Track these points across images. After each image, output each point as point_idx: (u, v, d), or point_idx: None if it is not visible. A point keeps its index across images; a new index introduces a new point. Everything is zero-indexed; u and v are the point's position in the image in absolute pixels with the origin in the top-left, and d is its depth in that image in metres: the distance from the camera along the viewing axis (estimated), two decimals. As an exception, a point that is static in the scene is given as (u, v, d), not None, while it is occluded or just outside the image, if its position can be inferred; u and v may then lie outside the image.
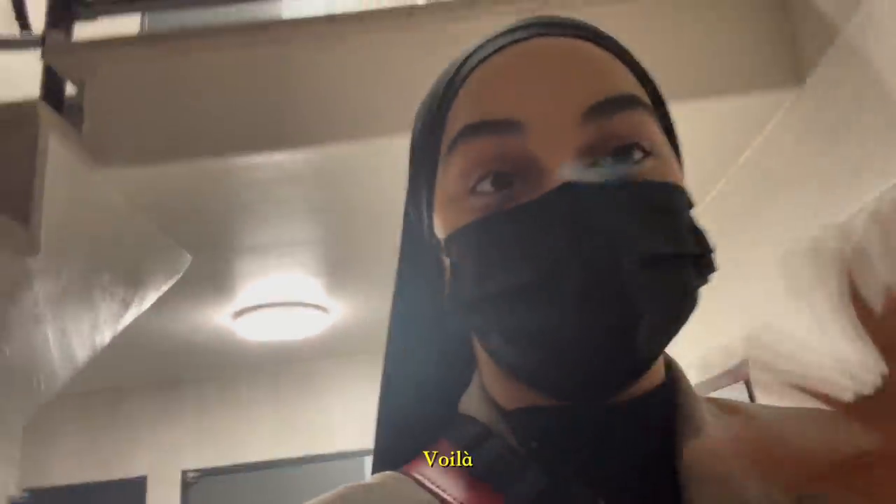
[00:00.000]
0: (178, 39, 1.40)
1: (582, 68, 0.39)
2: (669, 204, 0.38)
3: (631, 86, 0.40)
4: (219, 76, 1.40)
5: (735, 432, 0.37)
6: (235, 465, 3.32)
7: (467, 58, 0.42)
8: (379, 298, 2.35)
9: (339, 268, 2.20)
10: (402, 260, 0.47)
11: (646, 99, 0.40)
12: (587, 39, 0.40)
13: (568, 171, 0.36)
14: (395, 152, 1.45)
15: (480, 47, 0.42)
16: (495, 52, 0.40)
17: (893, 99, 1.03)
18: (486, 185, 0.38)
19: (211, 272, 2.05)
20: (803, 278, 0.33)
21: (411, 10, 1.36)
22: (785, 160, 1.37)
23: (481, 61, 0.40)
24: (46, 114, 1.23)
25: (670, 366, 0.43)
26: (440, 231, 0.41)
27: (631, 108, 0.38)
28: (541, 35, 0.40)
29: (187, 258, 1.84)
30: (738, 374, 1.62)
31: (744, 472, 0.36)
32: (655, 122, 0.40)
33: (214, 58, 1.40)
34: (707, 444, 0.38)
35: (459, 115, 0.40)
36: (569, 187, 0.36)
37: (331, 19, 1.41)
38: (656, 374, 0.41)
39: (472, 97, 0.40)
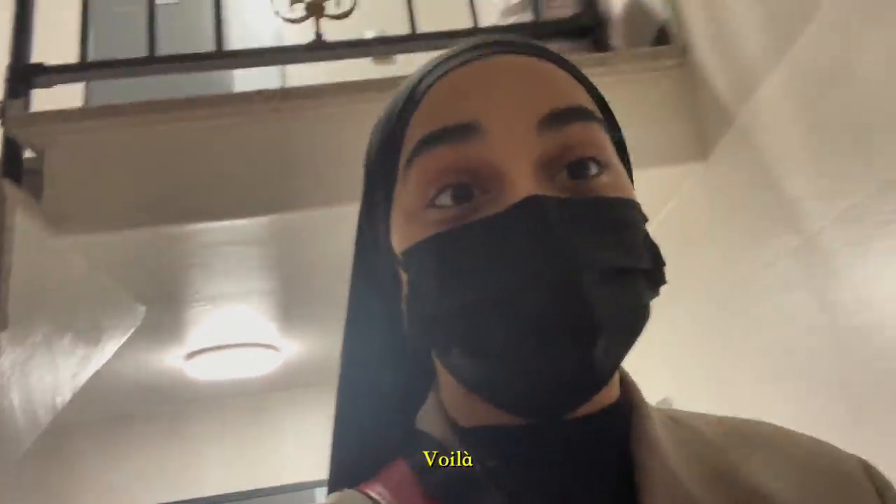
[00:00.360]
0: (137, 111, 1.47)
1: (540, 81, 0.40)
2: (626, 219, 0.39)
3: (586, 101, 0.41)
4: (177, 147, 1.48)
5: (689, 452, 0.40)
6: (187, 501, 3.32)
7: (426, 73, 0.42)
8: (331, 335, 2.44)
9: (292, 311, 2.28)
10: (354, 277, 0.47)
11: (599, 114, 0.41)
12: (549, 60, 0.41)
13: (529, 184, 0.36)
14: (352, 219, 1.55)
15: (440, 64, 0.42)
16: (455, 67, 0.41)
17: (780, 185, 1.19)
18: (446, 199, 0.38)
19: (164, 320, 2.10)
20: None
21: (365, 84, 1.48)
22: (696, 224, 1.54)
23: (441, 77, 0.41)
24: (12, 191, 1.30)
25: (625, 380, 0.43)
26: (398, 246, 0.41)
27: (585, 120, 0.39)
28: (503, 52, 0.41)
29: (142, 310, 1.90)
30: (662, 410, 1.78)
31: (701, 493, 0.37)
32: (608, 137, 0.41)
33: (173, 129, 1.48)
34: (663, 463, 0.38)
35: (417, 129, 0.40)
36: (531, 202, 0.35)
37: (285, 93, 1.51)
38: (612, 389, 0.41)
39: (430, 109, 0.40)
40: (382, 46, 1.49)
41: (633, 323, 0.38)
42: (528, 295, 0.34)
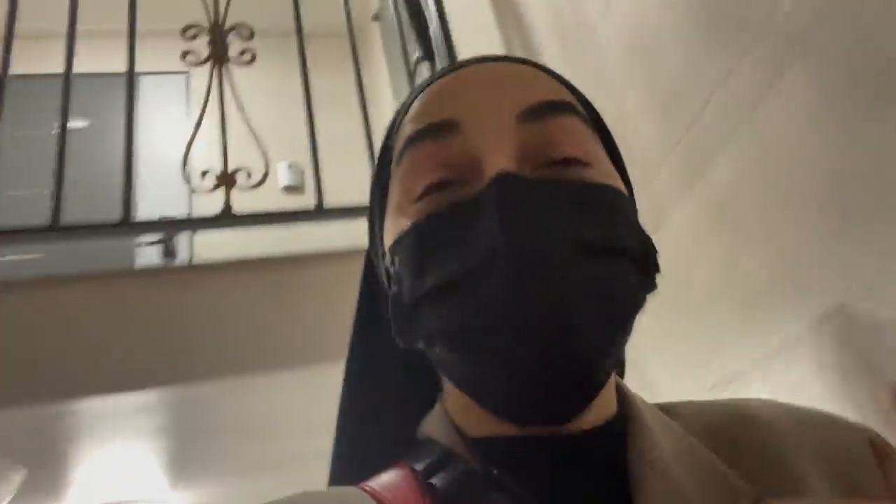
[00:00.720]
0: (23, 286, 1.48)
1: (519, 80, 0.41)
2: (608, 202, 0.38)
3: (568, 97, 0.41)
4: (65, 322, 1.49)
5: (688, 452, 0.38)
6: None
7: (418, 89, 0.44)
8: (226, 486, 2.38)
9: (184, 465, 2.23)
10: (360, 301, 0.48)
11: (581, 109, 0.42)
12: (531, 66, 0.43)
13: (502, 164, 0.36)
14: (243, 389, 1.58)
15: (430, 78, 0.44)
16: (441, 76, 0.43)
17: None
18: (428, 193, 0.39)
19: (48, 481, 2.01)
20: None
21: (244, 262, 1.55)
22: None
23: (428, 85, 0.43)
24: None
25: (621, 392, 0.42)
26: (387, 244, 0.41)
27: (566, 114, 0.40)
28: (486, 62, 0.42)
29: (24, 472, 1.82)
30: None
31: (699, 497, 0.36)
32: (591, 132, 0.41)
33: (60, 304, 1.50)
34: (662, 474, 0.37)
35: (403, 135, 0.41)
36: (500, 179, 0.36)
37: (171, 270, 1.55)
38: (609, 403, 0.40)
39: (416, 112, 0.41)
40: (290, 218, 1.53)
41: (613, 305, 0.36)
42: (494, 265, 0.33)
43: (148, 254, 2.89)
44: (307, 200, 1.59)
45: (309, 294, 1.54)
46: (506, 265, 0.33)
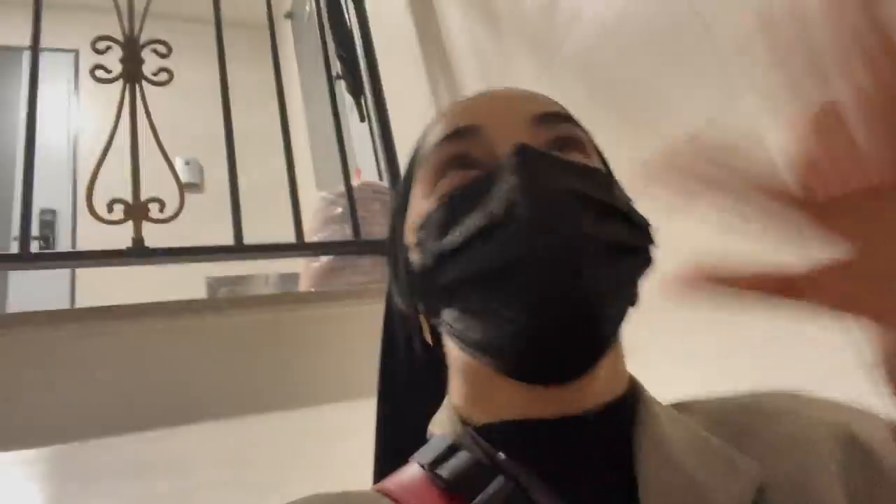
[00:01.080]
0: None
1: (532, 95, 0.47)
2: (604, 179, 0.43)
3: (574, 119, 0.47)
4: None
5: (695, 441, 0.39)
6: None
7: (438, 118, 0.48)
8: None
9: None
10: (385, 329, 0.53)
11: (587, 131, 0.47)
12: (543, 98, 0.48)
13: (521, 138, 0.41)
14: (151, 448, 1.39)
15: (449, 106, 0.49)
16: (464, 100, 0.48)
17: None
18: (451, 171, 0.43)
19: None
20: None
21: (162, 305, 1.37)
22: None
23: (452, 106, 0.48)
24: None
25: (630, 377, 0.44)
26: (411, 236, 0.44)
27: (574, 125, 0.45)
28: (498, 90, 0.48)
29: None
30: None
31: (704, 482, 0.36)
32: (594, 148, 0.47)
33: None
34: (666, 457, 0.37)
35: (429, 143, 0.46)
36: (521, 149, 0.40)
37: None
38: (616, 382, 0.42)
39: (441, 124, 0.46)
40: (204, 255, 1.35)
41: (620, 257, 0.39)
42: (516, 213, 0.37)
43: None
44: (205, 198, 1.46)
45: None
46: (524, 211, 0.37)
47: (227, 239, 1.33)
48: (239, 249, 1.34)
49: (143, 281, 1.71)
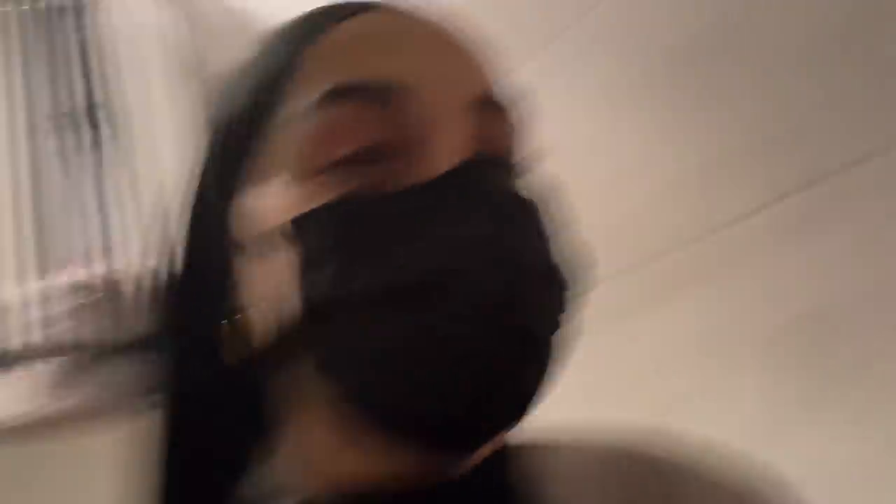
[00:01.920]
0: None
1: (469, 59, 0.34)
2: (554, 225, 0.33)
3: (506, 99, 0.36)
4: None
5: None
6: None
7: (319, 25, 0.34)
8: None
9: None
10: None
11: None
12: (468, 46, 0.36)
13: (464, 146, 0.31)
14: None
15: (337, 12, 0.34)
16: (362, 12, 0.34)
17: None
18: (352, 160, 0.31)
19: None
20: None
21: None
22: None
23: (345, 18, 0.33)
24: None
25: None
26: (267, 221, 0.32)
27: (510, 113, 0.34)
28: (419, 16, 0.35)
29: None
30: None
31: None
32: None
33: None
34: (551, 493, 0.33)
35: (315, 78, 0.32)
36: (474, 168, 0.30)
37: None
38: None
39: (337, 54, 0.32)
40: None
41: (560, 339, 0.32)
42: (479, 274, 0.28)
43: None
44: None
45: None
46: (495, 272, 0.28)
47: None
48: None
49: None
